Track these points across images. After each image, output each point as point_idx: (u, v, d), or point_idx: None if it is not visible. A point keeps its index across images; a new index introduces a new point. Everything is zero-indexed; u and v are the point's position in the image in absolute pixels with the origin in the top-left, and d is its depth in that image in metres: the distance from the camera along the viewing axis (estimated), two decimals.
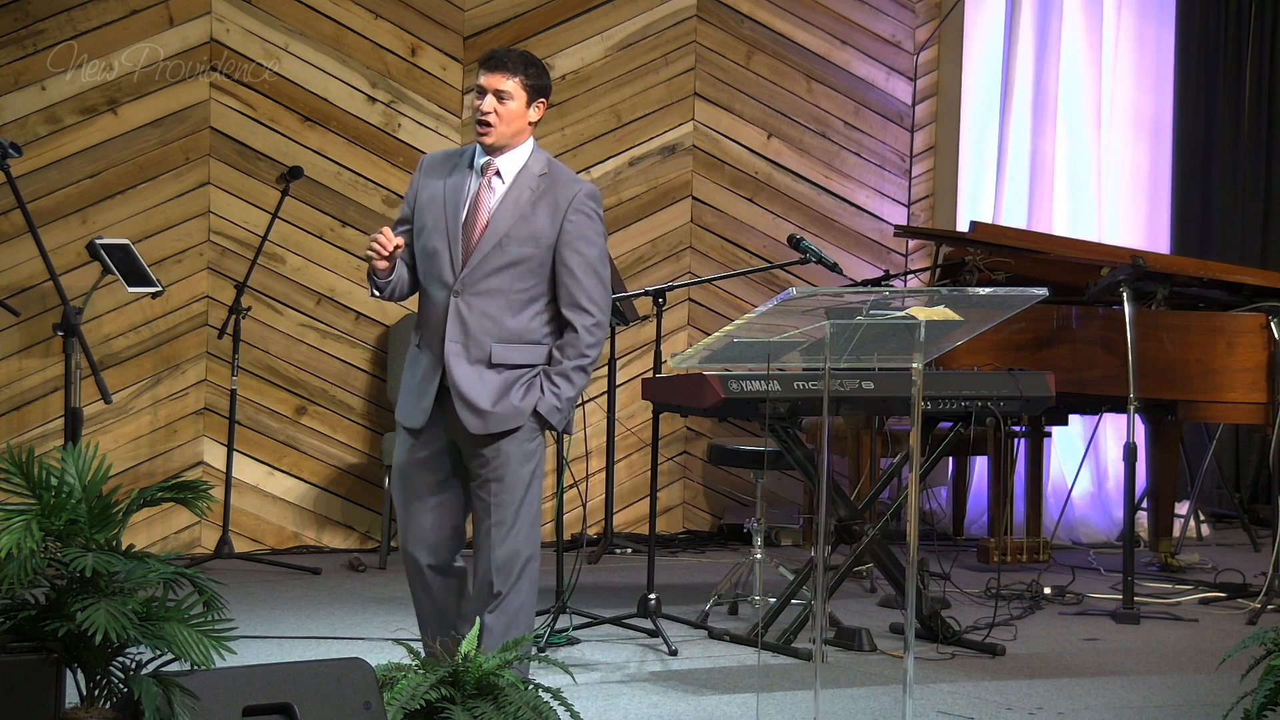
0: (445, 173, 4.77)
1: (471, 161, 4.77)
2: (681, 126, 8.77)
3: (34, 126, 7.63)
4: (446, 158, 4.85)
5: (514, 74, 4.68)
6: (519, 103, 4.69)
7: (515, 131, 4.71)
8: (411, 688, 4.01)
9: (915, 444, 4.85)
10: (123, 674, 3.78)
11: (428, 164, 4.85)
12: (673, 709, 5.40)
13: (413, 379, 4.77)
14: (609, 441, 7.87)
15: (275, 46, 7.99)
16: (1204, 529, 9.10)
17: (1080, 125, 9.31)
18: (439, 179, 4.77)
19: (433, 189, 4.76)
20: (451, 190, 4.73)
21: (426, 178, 4.79)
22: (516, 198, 4.70)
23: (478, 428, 4.67)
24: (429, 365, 4.72)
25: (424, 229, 4.74)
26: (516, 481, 4.72)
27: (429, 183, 4.78)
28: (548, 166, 4.77)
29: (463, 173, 4.76)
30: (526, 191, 4.71)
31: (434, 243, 4.71)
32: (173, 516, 7.78)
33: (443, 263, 4.69)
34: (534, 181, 4.72)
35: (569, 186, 4.74)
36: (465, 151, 4.83)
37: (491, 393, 4.67)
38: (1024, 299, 5.17)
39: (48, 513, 3.78)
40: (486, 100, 4.68)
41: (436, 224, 4.72)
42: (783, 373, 6.06)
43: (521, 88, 4.69)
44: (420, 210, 4.77)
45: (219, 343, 7.77)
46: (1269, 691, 4.40)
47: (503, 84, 4.67)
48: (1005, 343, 7.59)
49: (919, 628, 5.64)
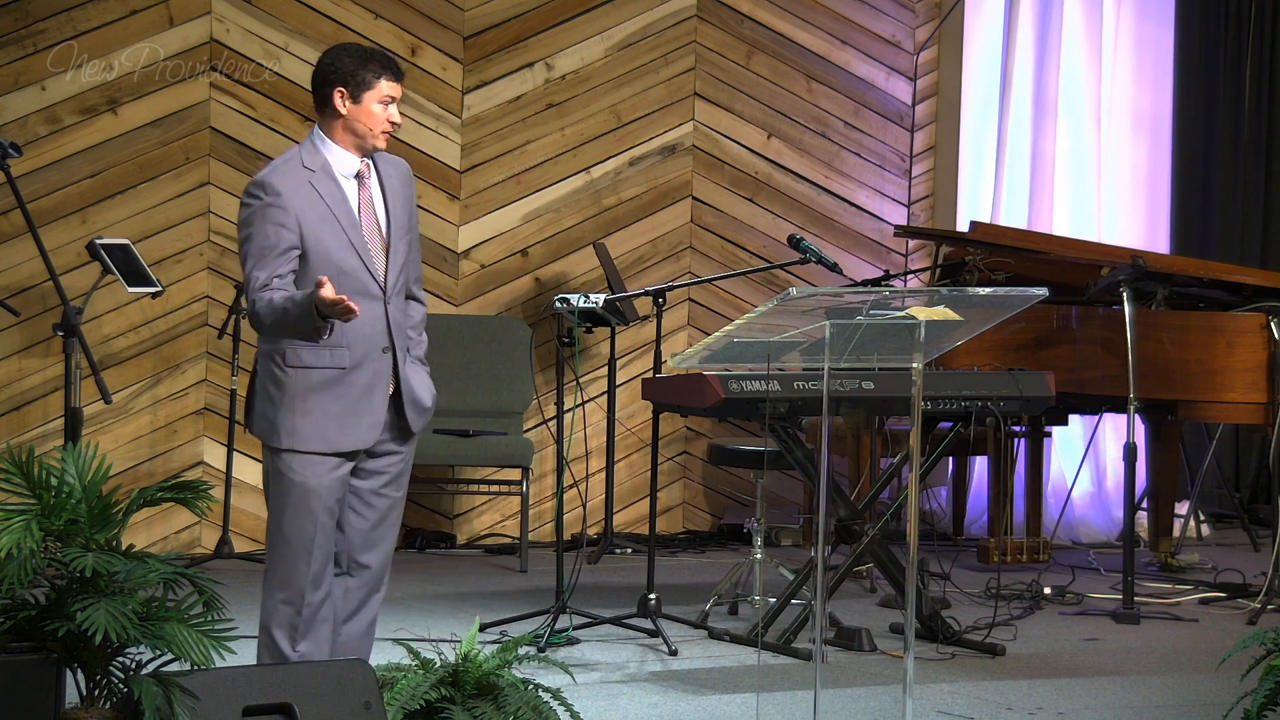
0: (312, 187, 4.53)
1: (328, 167, 4.56)
2: (681, 126, 8.77)
3: (34, 126, 7.63)
4: (292, 171, 4.51)
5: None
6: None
7: None
8: (411, 688, 4.02)
9: (915, 444, 4.85)
10: (123, 674, 3.78)
11: (281, 185, 4.49)
12: (673, 709, 5.40)
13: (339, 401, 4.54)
14: (609, 441, 7.86)
15: (275, 46, 7.99)
16: (1204, 529, 9.10)
17: (1080, 125, 9.31)
18: (309, 195, 4.51)
19: (313, 206, 4.51)
20: (335, 203, 4.54)
21: (293, 197, 4.49)
22: (392, 189, 4.66)
23: (419, 425, 4.69)
24: (368, 380, 4.57)
25: (326, 251, 4.50)
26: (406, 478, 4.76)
27: (302, 203, 4.50)
28: (378, 154, 4.70)
29: (331, 180, 4.56)
30: (393, 181, 4.67)
31: (346, 261, 4.52)
32: (173, 516, 7.78)
33: (362, 277, 4.54)
34: (389, 170, 4.68)
35: (401, 163, 4.74)
36: (306, 157, 4.56)
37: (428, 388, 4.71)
38: (1024, 299, 5.17)
39: (48, 513, 3.78)
40: (393, 110, 4.57)
41: (339, 242, 4.52)
42: (783, 373, 6.06)
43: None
44: (314, 232, 4.50)
45: (219, 343, 7.77)
46: (1269, 691, 4.40)
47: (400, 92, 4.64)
48: (1005, 343, 7.59)
49: (919, 628, 5.64)
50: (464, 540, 8.38)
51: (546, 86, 8.49)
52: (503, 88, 8.41)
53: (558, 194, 8.52)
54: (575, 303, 6.26)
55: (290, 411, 4.53)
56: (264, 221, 4.48)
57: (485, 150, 8.37)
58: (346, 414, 4.55)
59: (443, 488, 8.31)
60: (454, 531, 8.36)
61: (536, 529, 8.23)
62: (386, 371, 4.61)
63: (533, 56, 8.46)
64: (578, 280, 8.53)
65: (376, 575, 4.71)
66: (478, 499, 8.41)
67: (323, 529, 4.57)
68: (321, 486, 4.54)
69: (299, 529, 4.54)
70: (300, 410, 4.53)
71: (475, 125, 8.36)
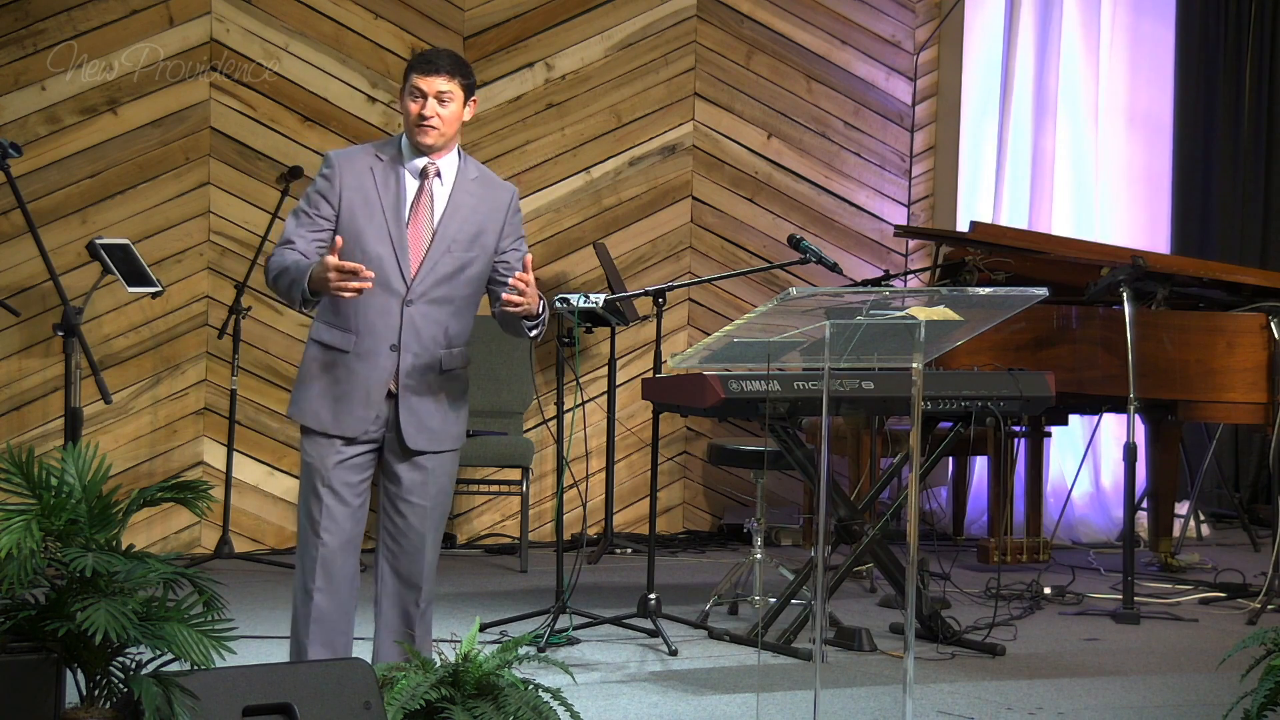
0: (371, 172, 4.61)
1: (399, 160, 4.63)
2: (681, 126, 8.77)
3: (34, 126, 7.63)
4: (363, 154, 4.66)
5: (453, 75, 4.59)
6: (457, 104, 4.61)
7: (454, 133, 4.64)
8: (411, 688, 4.02)
9: (915, 444, 4.84)
10: (123, 674, 3.78)
11: (342, 161, 4.62)
12: (673, 709, 5.40)
13: (339, 384, 4.62)
14: (609, 441, 7.87)
15: (275, 46, 7.99)
16: (1204, 529, 9.10)
17: (1080, 125, 9.31)
18: (367, 178, 4.60)
19: (363, 189, 4.59)
20: (387, 192, 4.59)
21: (349, 176, 4.61)
22: (460, 202, 4.64)
23: (418, 443, 4.65)
24: (368, 372, 4.61)
25: (359, 233, 4.57)
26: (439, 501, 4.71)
27: (354, 181, 4.60)
28: (478, 171, 4.72)
29: (394, 173, 4.62)
30: (469, 196, 4.65)
31: (375, 248, 4.57)
32: (173, 516, 7.78)
33: (388, 269, 4.57)
34: (472, 186, 4.66)
35: (503, 190, 4.73)
36: (386, 148, 4.67)
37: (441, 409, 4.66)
38: (1024, 299, 5.17)
39: (48, 513, 3.78)
40: (429, 104, 4.57)
41: (376, 229, 4.57)
42: (783, 373, 6.06)
43: (459, 88, 4.61)
44: (350, 210, 4.58)
45: (219, 343, 7.77)
46: (1269, 691, 4.40)
47: (445, 85, 4.58)
48: (1005, 343, 7.59)
49: (919, 628, 5.64)
50: (464, 540, 8.38)
51: (546, 86, 8.49)
52: (503, 88, 8.42)
53: (558, 194, 8.53)
54: (575, 303, 6.25)
55: (302, 385, 4.68)
56: (314, 188, 4.65)
57: (485, 150, 8.37)
58: (341, 399, 4.61)
59: None
60: (454, 531, 8.36)
61: (536, 529, 8.23)
62: (389, 370, 4.62)
63: (533, 56, 8.46)
64: (578, 280, 8.53)
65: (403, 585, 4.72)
66: (478, 499, 8.41)
67: (329, 512, 4.62)
68: (324, 466, 4.62)
69: (306, 506, 4.67)
70: (307, 385, 4.66)
71: (475, 125, 8.35)
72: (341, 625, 4.69)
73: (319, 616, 4.65)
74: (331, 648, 4.65)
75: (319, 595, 4.64)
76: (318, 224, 4.60)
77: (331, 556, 4.64)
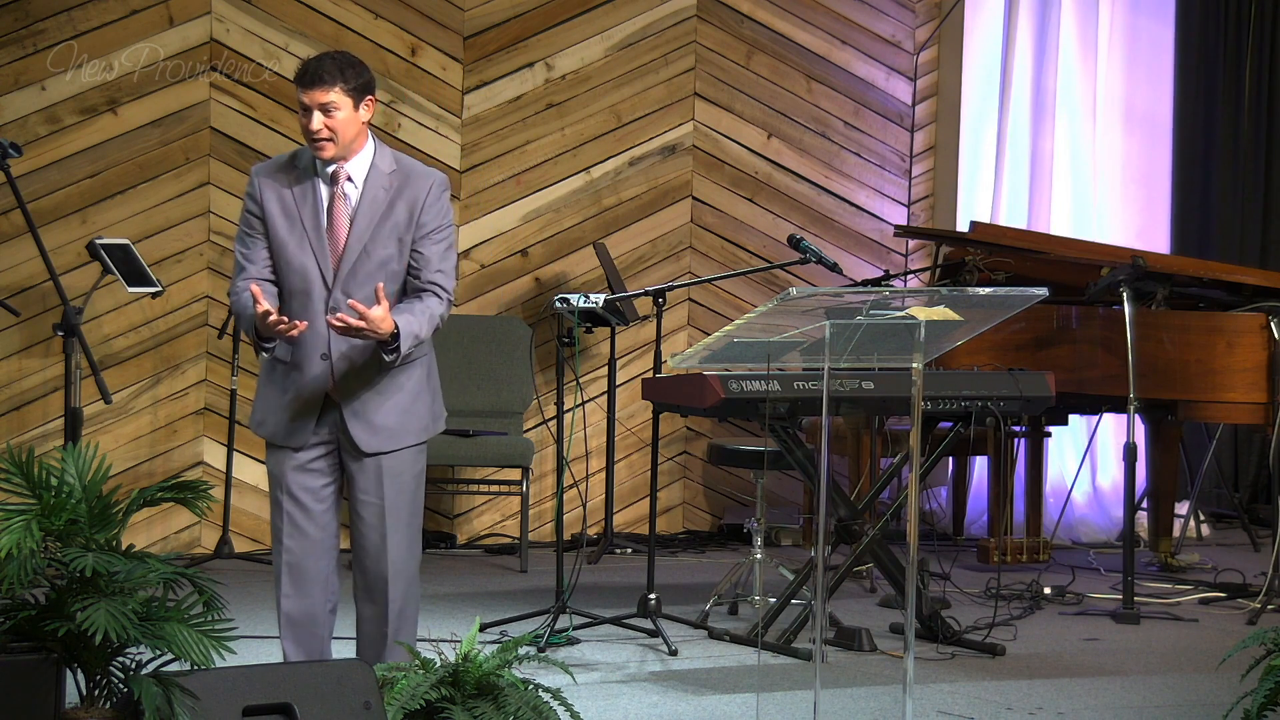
0: (286, 182, 4.62)
1: (314, 168, 4.62)
2: (681, 126, 8.77)
3: (34, 126, 7.63)
4: (282, 165, 4.66)
5: (332, 84, 4.53)
6: (346, 110, 4.55)
7: (352, 138, 4.58)
8: (411, 688, 4.02)
9: (915, 444, 4.85)
10: (123, 674, 3.78)
11: (262, 176, 4.64)
12: (673, 709, 5.40)
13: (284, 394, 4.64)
14: (609, 441, 7.86)
15: (275, 46, 7.99)
16: (1204, 529, 9.10)
17: (1080, 125, 9.31)
18: (284, 189, 4.61)
19: (281, 201, 4.61)
20: (302, 201, 4.60)
21: (268, 189, 4.63)
22: (373, 199, 4.61)
23: (373, 445, 4.63)
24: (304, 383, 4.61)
25: (283, 244, 4.60)
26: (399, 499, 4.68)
27: (273, 194, 4.62)
28: (396, 162, 4.67)
29: (308, 181, 4.62)
30: (381, 191, 4.61)
31: (298, 258, 4.59)
32: (173, 516, 7.78)
33: (312, 278, 4.59)
34: (386, 180, 4.63)
35: (422, 180, 4.65)
36: (299, 156, 4.66)
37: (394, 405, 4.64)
38: (1024, 299, 5.17)
39: (48, 513, 3.78)
40: (315, 118, 4.53)
41: (298, 239, 4.59)
42: (783, 373, 6.06)
43: (344, 94, 4.54)
44: (273, 223, 4.61)
45: (219, 343, 7.77)
46: (1269, 691, 4.40)
47: (324, 97, 4.52)
48: (1005, 343, 7.59)
49: (919, 628, 5.64)
50: (464, 540, 8.38)
51: (546, 86, 8.49)
52: (503, 88, 8.41)
53: (558, 194, 8.53)
54: (575, 303, 6.26)
55: (256, 397, 4.77)
56: (245, 208, 4.71)
57: (485, 150, 8.37)
58: (285, 409, 4.65)
59: (443, 488, 8.31)
60: (454, 531, 8.36)
61: (536, 529, 8.23)
62: (323, 378, 4.62)
63: (533, 56, 8.46)
64: (578, 280, 8.53)
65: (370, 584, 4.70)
66: (478, 499, 8.41)
67: (290, 519, 4.66)
68: (282, 474, 4.67)
69: (272, 515, 4.74)
70: (258, 396, 4.75)
71: (475, 125, 8.36)
72: (312, 628, 4.70)
73: (288, 621, 4.70)
74: (306, 650, 4.68)
75: (285, 601, 4.69)
76: (259, 242, 4.65)
77: (297, 562, 4.67)
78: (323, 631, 4.72)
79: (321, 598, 4.70)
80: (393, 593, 4.68)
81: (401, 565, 4.69)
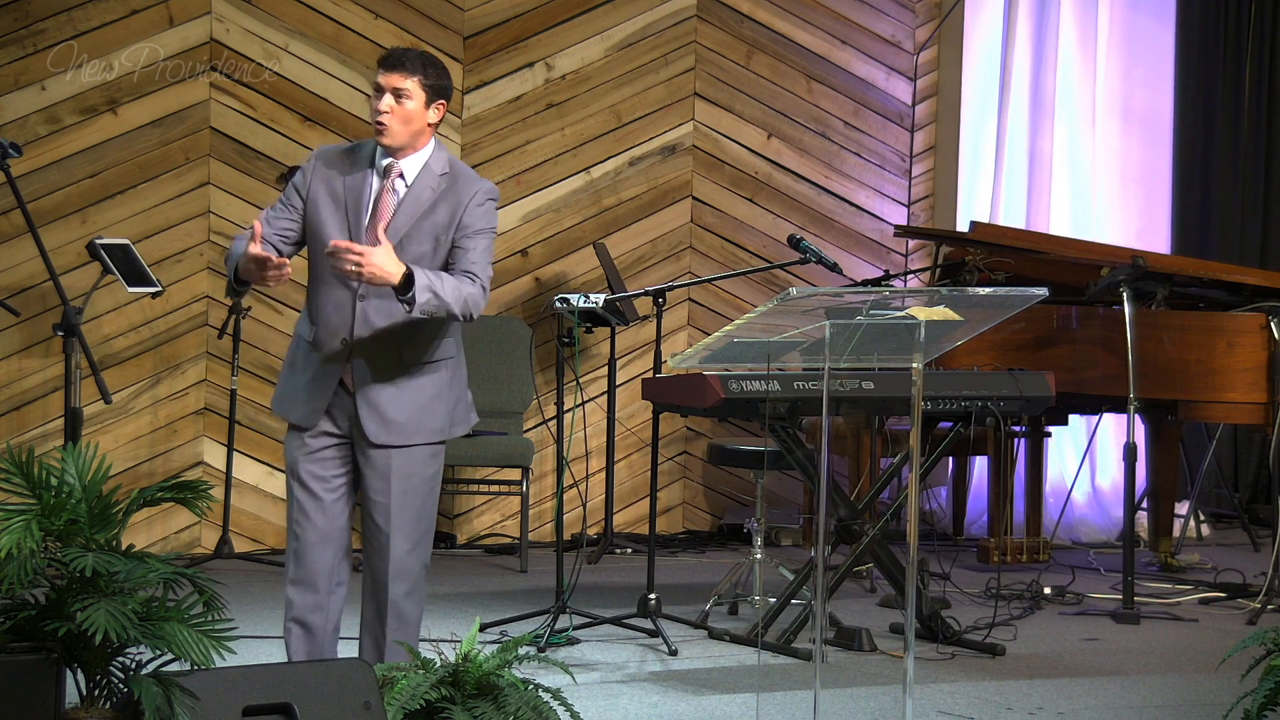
0: (343, 169, 4.66)
1: (372, 160, 4.66)
2: (681, 126, 8.77)
3: (34, 126, 7.63)
4: (343, 153, 4.72)
5: (412, 73, 4.57)
6: (417, 103, 4.58)
7: (415, 132, 4.61)
8: (411, 688, 4.02)
9: (915, 444, 4.84)
10: (123, 674, 3.78)
11: (320, 157, 4.71)
12: (673, 709, 5.40)
13: (303, 374, 4.69)
14: (609, 441, 7.87)
15: (275, 46, 7.99)
16: (1204, 529, 9.10)
17: (1079, 125, 9.31)
18: (336, 175, 4.65)
19: (330, 185, 4.65)
20: (351, 190, 4.64)
21: (321, 171, 4.68)
22: (417, 196, 4.63)
23: (381, 437, 4.62)
24: (321, 365, 4.64)
25: (322, 225, 4.63)
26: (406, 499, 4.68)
27: (325, 177, 4.66)
28: (449, 166, 4.68)
29: (362, 171, 4.65)
30: (427, 191, 4.63)
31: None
32: (173, 516, 7.78)
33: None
34: (435, 181, 4.64)
35: (470, 185, 4.66)
36: (363, 148, 4.71)
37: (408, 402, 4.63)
38: (1024, 299, 5.17)
39: (48, 513, 3.78)
40: (384, 99, 4.58)
41: (338, 225, 4.61)
42: (783, 373, 6.06)
43: (420, 87, 4.58)
44: (315, 205, 4.65)
45: (219, 343, 7.77)
46: (1269, 691, 4.40)
47: (401, 83, 4.57)
48: (1005, 343, 7.59)
49: (919, 628, 5.64)
50: (464, 540, 8.38)
51: (546, 86, 8.49)
52: (503, 88, 8.42)
53: (558, 194, 8.53)
54: (575, 303, 6.26)
55: (281, 375, 4.83)
56: (291, 180, 4.76)
57: (485, 150, 8.37)
58: (301, 389, 4.68)
59: (443, 487, 8.29)
60: (454, 531, 8.36)
61: (536, 529, 8.23)
62: (341, 363, 4.64)
63: (533, 56, 8.46)
64: (578, 280, 8.53)
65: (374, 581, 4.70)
66: (478, 499, 8.41)
67: (299, 506, 4.67)
68: (295, 459, 4.69)
69: (287, 500, 4.74)
70: (282, 374, 4.81)
71: (475, 125, 8.36)
72: (314, 616, 4.69)
73: (291, 607, 4.70)
74: (307, 636, 4.66)
75: (290, 588, 4.70)
76: (287, 215, 4.70)
77: (304, 550, 4.67)
78: (326, 622, 4.72)
79: (326, 586, 4.69)
80: (393, 592, 4.67)
81: (403, 565, 4.68)
